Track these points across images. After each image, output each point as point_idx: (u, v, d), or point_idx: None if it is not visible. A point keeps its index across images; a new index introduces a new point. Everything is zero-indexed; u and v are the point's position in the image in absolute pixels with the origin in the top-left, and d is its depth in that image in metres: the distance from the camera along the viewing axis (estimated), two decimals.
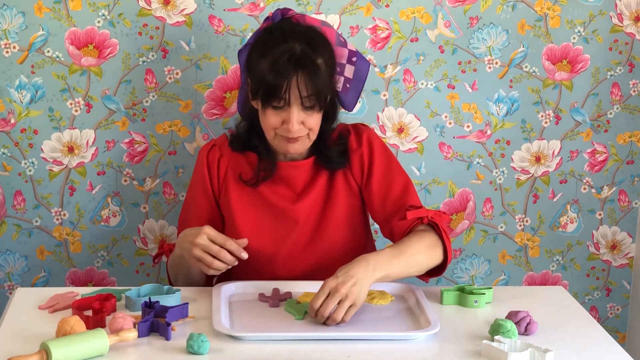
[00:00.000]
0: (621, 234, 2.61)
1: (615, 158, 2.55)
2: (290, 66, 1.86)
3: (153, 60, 2.32)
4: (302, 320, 1.76)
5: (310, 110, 1.90)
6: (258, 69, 1.90)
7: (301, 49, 1.88)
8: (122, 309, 1.81)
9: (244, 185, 2.03)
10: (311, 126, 1.92)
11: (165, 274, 2.45)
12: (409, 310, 1.84)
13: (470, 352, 1.64)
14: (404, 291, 1.92)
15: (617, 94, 2.50)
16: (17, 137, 2.32)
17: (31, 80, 2.29)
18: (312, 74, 1.87)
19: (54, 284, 2.41)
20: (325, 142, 2.03)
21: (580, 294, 2.63)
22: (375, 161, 2.04)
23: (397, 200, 2.02)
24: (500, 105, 2.46)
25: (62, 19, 2.26)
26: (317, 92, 1.88)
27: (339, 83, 2.01)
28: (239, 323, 1.74)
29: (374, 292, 1.90)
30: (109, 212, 2.40)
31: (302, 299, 1.84)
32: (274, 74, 1.86)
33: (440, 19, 2.38)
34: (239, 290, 1.90)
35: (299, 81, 1.86)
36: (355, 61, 2.02)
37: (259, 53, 1.92)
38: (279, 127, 1.92)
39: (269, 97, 1.88)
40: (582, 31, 2.44)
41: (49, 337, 1.61)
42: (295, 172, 2.03)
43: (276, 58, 1.87)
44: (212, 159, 2.06)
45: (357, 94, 2.05)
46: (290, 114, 1.88)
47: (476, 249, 2.56)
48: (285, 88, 1.86)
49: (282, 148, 1.97)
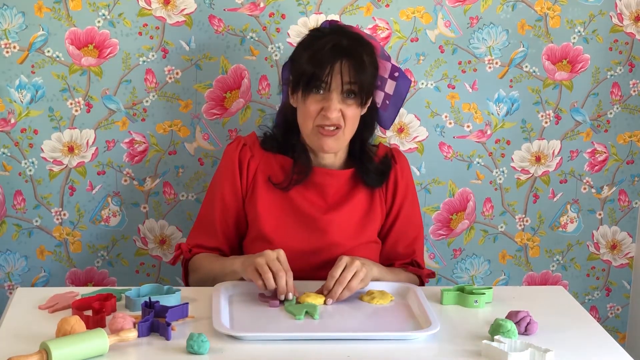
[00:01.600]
0: (621, 234, 2.62)
1: (615, 158, 2.55)
2: (335, 53, 1.90)
3: (153, 60, 2.32)
4: (302, 320, 1.76)
5: (350, 100, 1.93)
6: (302, 58, 1.94)
7: (347, 42, 1.93)
8: (122, 309, 1.81)
9: (273, 187, 2.03)
10: (348, 118, 1.94)
11: (165, 274, 2.46)
12: (409, 311, 1.84)
13: (470, 352, 1.64)
14: (404, 291, 1.92)
15: (617, 94, 2.50)
16: (17, 137, 2.32)
17: (31, 80, 2.29)
18: (356, 64, 1.91)
19: (54, 284, 2.41)
20: (366, 154, 2.06)
21: (580, 294, 2.63)
22: (407, 199, 2.11)
23: (407, 246, 2.12)
24: (500, 105, 2.46)
25: (62, 19, 2.26)
26: (359, 82, 1.91)
27: (378, 98, 2.04)
28: (239, 323, 1.73)
29: (374, 292, 1.90)
30: (109, 212, 2.40)
31: (302, 299, 1.84)
32: (318, 59, 1.90)
33: (440, 19, 2.38)
34: (238, 290, 1.90)
35: (342, 68, 1.90)
36: (397, 77, 2.06)
37: (304, 46, 1.97)
38: (317, 116, 1.93)
39: (311, 81, 1.91)
40: (582, 31, 2.44)
41: (49, 337, 1.61)
42: (329, 180, 2.03)
43: (321, 47, 1.92)
44: (243, 158, 2.05)
45: (395, 112, 2.10)
46: (331, 99, 1.91)
47: (476, 249, 2.56)
48: (328, 71, 1.89)
49: (317, 143, 1.97)
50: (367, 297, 1.88)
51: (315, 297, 1.84)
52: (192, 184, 2.41)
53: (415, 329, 1.73)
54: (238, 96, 2.37)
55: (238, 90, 2.37)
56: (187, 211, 2.41)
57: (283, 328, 1.72)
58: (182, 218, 2.43)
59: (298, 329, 1.72)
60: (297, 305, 1.81)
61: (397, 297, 1.91)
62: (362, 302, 1.88)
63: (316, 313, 1.77)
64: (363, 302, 1.87)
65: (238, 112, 2.38)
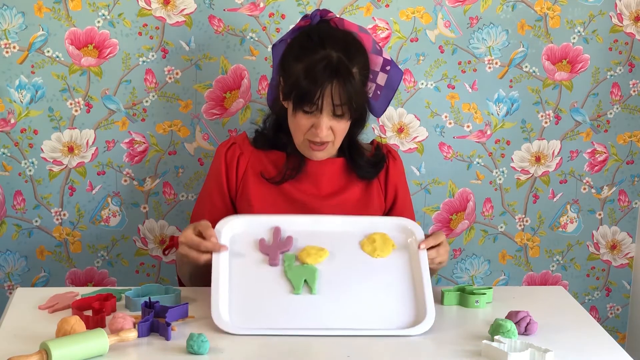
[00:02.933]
0: (621, 234, 2.62)
1: (615, 158, 2.55)
2: (325, 74, 1.87)
3: (153, 60, 2.32)
4: (300, 295, 1.75)
5: (341, 118, 1.93)
6: (293, 71, 1.92)
7: (337, 57, 1.89)
8: (122, 309, 1.81)
9: (266, 182, 2.03)
10: (338, 132, 1.96)
11: (165, 274, 2.46)
12: (408, 276, 1.82)
13: (470, 352, 1.64)
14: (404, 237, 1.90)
15: (617, 94, 2.50)
16: (17, 137, 2.32)
17: (31, 80, 2.29)
18: (347, 83, 1.89)
19: (54, 284, 2.41)
20: (355, 148, 2.07)
21: (580, 294, 2.63)
22: (400, 190, 2.12)
23: None
24: (500, 105, 2.46)
25: (62, 19, 2.26)
26: (349, 102, 1.90)
27: (370, 89, 2.03)
28: (237, 305, 1.73)
29: (376, 238, 1.88)
30: (109, 212, 2.40)
31: (301, 257, 1.82)
32: (309, 80, 1.88)
33: (440, 19, 2.38)
34: (240, 230, 1.87)
35: (333, 90, 1.88)
36: (389, 70, 2.05)
37: (295, 56, 1.94)
38: (307, 131, 1.94)
39: (301, 102, 1.90)
40: (582, 31, 2.44)
41: (49, 337, 1.61)
42: (322, 168, 2.04)
43: (312, 64, 1.88)
44: (231, 157, 2.06)
45: (387, 102, 2.09)
46: (321, 120, 1.91)
47: (476, 249, 2.56)
48: (318, 95, 1.88)
49: (307, 153, 2.00)
50: (368, 247, 1.87)
51: (316, 256, 1.83)
52: (192, 184, 2.41)
53: (414, 319, 1.73)
54: (238, 96, 2.37)
55: (238, 91, 2.37)
56: (187, 211, 2.41)
57: (280, 315, 1.71)
58: (182, 218, 2.43)
59: (296, 319, 1.71)
60: (296, 269, 1.80)
61: (399, 246, 1.88)
62: (363, 253, 1.86)
63: (314, 285, 1.76)
64: (363, 256, 1.85)
65: (238, 112, 2.38)
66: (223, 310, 1.71)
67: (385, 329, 1.72)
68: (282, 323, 1.71)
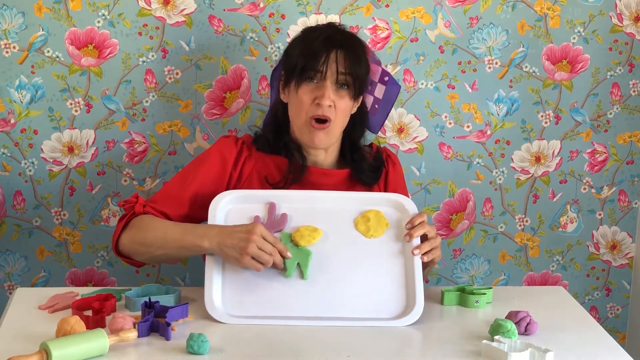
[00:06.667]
0: (621, 234, 2.62)
1: (615, 158, 2.55)
2: (329, 44, 1.94)
3: (153, 60, 2.32)
4: (291, 278, 1.78)
5: (343, 91, 1.95)
6: (296, 51, 1.97)
7: (341, 36, 1.97)
8: (122, 309, 1.81)
9: (269, 187, 2.02)
10: (340, 110, 1.95)
11: (165, 274, 2.45)
12: (398, 276, 1.83)
13: (470, 352, 1.64)
14: (398, 216, 1.91)
15: (617, 94, 2.50)
16: (17, 137, 2.32)
17: (31, 80, 2.29)
18: (351, 55, 1.94)
19: (54, 284, 2.41)
20: (358, 153, 2.08)
21: (580, 294, 2.63)
22: (399, 189, 2.12)
23: None
24: (500, 105, 2.46)
25: (62, 19, 2.26)
26: (354, 73, 1.94)
27: (368, 101, 2.06)
28: (230, 289, 1.76)
29: (370, 216, 1.89)
30: (109, 212, 2.40)
31: (295, 239, 1.83)
32: (313, 50, 1.93)
33: (440, 19, 2.38)
34: (236, 206, 1.88)
35: (338, 57, 1.93)
36: (387, 81, 2.09)
37: (298, 41, 2.00)
38: (310, 106, 1.94)
39: (306, 68, 1.93)
40: (582, 31, 2.44)
41: (49, 337, 1.61)
42: (326, 179, 2.04)
43: (315, 38, 1.95)
44: (240, 155, 2.04)
45: (384, 116, 2.12)
46: (325, 87, 1.93)
47: (476, 249, 2.56)
48: (323, 60, 1.92)
49: (307, 137, 1.98)
50: (362, 226, 1.87)
51: (310, 237, 1.84)
52: None
53: (405, 306, 1.76)
54: (238, 96, 2.37)
55: (238, 91, 2.37)
56: None
57: (271, 302, 1.75)
58: None
59: (289, 310, 1.74)
60: (291, 251, 1.80)
61: (393, 225, 1.89)
62: (357, 233, 1.87)
63: (307, 270, 1.78)
64: (357, 236, 1.86)
65: (238, 112, 2.38)
66: (216, 297, 1.75)
67: (374, 318, 1.74)
68: (272, 311, 1.74)
